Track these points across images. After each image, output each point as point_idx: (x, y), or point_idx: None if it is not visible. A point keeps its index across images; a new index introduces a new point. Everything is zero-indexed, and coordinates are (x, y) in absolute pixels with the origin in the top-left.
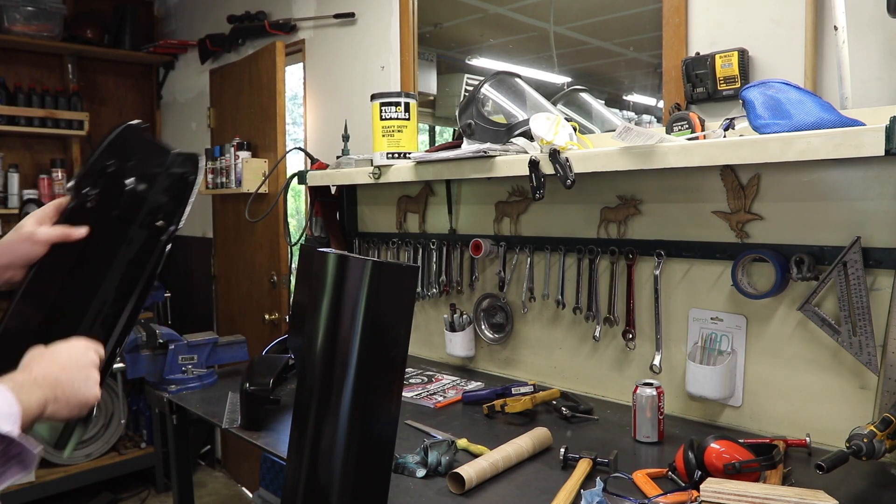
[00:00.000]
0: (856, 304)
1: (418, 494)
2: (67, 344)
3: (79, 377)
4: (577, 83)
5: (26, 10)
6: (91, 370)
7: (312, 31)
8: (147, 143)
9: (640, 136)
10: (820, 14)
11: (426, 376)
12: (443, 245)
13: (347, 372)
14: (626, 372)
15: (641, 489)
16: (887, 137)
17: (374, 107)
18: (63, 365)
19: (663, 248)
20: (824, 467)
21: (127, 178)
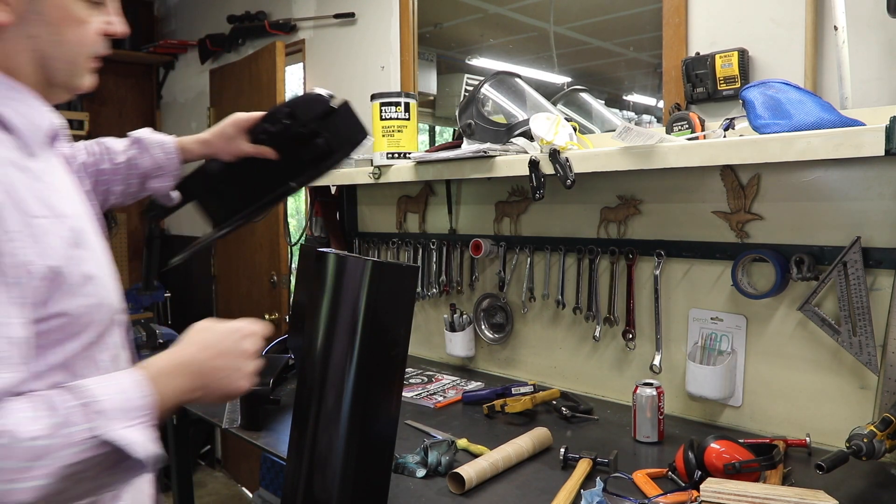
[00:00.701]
0: (856, 304)
1: (418, 494)
2: (226, 328)
3: (230, 366)
4: (577, 83)
5: None
6: (245, 361)
7: (312, 31)
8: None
9: (640, 136)
10: (820, 14)
11: (426, 376)
12: (443, 245)
13: (347, 372)
14: (626, 372)
15: (641, 489)
16: (887, 137)
17: (374, 107)
18: (217, 352)
19: (663, 248)
20: (824, 467)
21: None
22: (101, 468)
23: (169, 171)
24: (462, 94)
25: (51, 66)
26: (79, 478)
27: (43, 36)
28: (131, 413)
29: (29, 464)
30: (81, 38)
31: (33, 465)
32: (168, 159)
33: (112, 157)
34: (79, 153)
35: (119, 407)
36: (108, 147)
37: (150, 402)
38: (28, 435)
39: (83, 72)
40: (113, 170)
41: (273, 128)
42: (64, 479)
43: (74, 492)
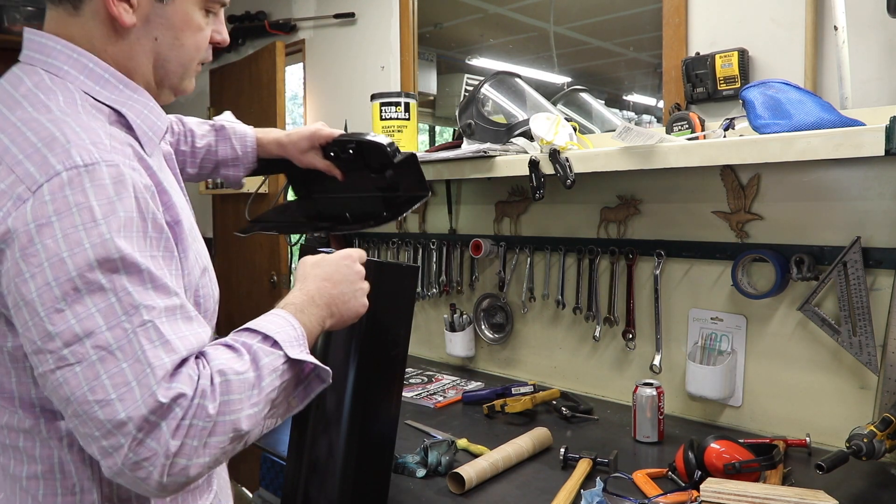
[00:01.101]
0: (856, 304)
1: (418, 494)
2: (336, 258)
3: (349, 291)
4: (577, 83)
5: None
6: (359, 282)
7: (312, 31)
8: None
9: (640, 136)
10: (820, 14)
11: (426, 376)
12: (443, 245)
13: (347, 372)
14: (626, 372)
15: (641, 489)
16: (887, 137)
17: (374, 107)
18: (335, 281)
19: (663, 248)
20: (824, 467)
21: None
22: (290, 388)
23: (244, 163)
24: (462, 94)
25: (166, 68)
26: (276, 401)
27: (164, 39)
28: (296, 341)
29: (243, 394)
30: (198, 44)
31: (247, 394)
32: (245, 153)
33: (192, 139)
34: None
35: (287, 338)
36: (190, 129)
37: (303, 333)
38: (238, 370)
39: (191, 75)
40: (190, 152)
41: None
42: (269, 402)
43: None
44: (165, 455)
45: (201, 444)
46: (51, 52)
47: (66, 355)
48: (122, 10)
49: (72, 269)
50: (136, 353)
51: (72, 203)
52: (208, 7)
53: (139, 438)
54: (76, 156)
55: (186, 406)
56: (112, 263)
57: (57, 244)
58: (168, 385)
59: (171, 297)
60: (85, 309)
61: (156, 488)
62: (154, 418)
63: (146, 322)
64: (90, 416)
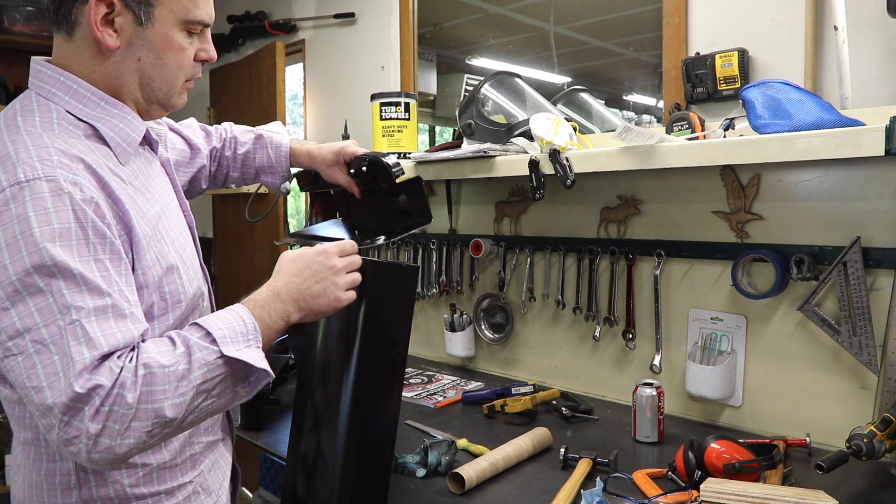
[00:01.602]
0: (856, 304)
1: (418, 494)
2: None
3: (318, 286)
4: (577, 83)
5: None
6: (331, 277)
7: (312, 31)
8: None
9: (640, 136)
10: (820, 14)
11: (426, 376)
12: (443, 245)
13: (347, 372)
14: (626, 372)
15: (641, 489)
16: (887, 137)
17: (374, 107)
18: (305, 276)
19: (663, 248)
20: (824, 467)
21: None
22: (226, 384)
23: (278, 171)
24: (462, 94)
25: (151, 86)
26: (210, 393)
27: (147, 59)
28: (240, 337)
29: (168, 385)
30: (180, 63)
31: (171, 385)
32: (278, 161)
33: (235, 146)
34: (213, 139)
35: (230, 334)
36: (234, 136)
37: (255, 328)
38: (164, 363)
39: (179, 92)
40: (232, 157)
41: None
42: (198, 394)
43: (212, 405)
44: (87, 436)
45: (123, 427)
46: (43, 77)
47: (11, 347)
48: (105, 34)
49: (13, 274)
50: (63, 349)
51: (13, 215)
52: (189, 28)
53: (65, 420)
54: (20, 172)
55: (104, 395)
56: (47, 269)
57: (1, 253)
58: (88, 377)
59: (104, 298)
60: (25, 308)
61: (87, 462)
62: (74, 405)
63: (74, 321)
64: (29, 400)
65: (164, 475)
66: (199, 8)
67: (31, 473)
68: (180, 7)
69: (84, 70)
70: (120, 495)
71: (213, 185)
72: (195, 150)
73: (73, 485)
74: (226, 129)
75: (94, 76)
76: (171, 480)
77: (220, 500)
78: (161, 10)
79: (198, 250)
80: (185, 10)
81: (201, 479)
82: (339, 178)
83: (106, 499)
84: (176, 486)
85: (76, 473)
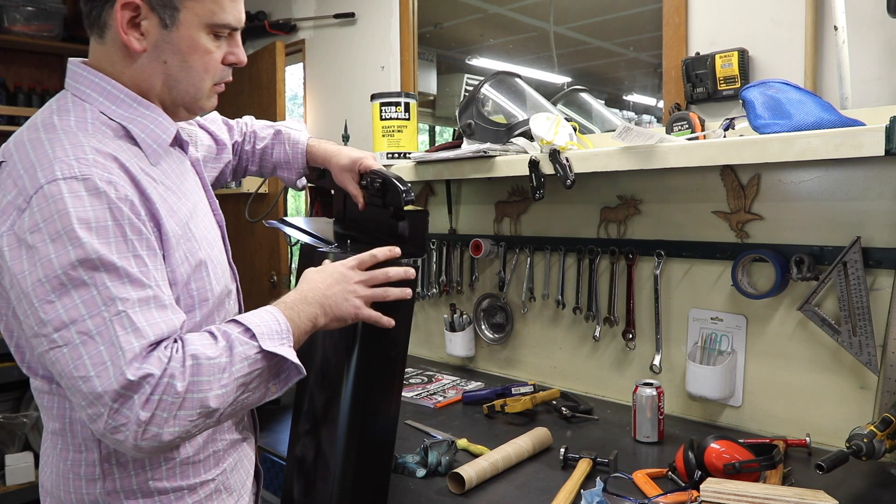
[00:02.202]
0: (856, 304)
1: (418, 494)
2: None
3: (339, 292)
4: (577, 83)
5: (26, 10)
6: (349, 286)
7: (312, 31)
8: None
9: (640, 136)
10: (820, 14)
11: (426, 376)
12: (443, 245)
13: (347, 372)
14: (626, 372)
15: (641, 489)
16: (887, 137)
17: (374, 107)
18: (328, 283)
19: (663, 248)
20: (824, 467)
21: None
22: (261, 379)
23: (294, 167)
24: (462, 94)
25: (177, 88)
26: (248, 387)
27: (173, 62)
28: (277, 335)
29: (213, 377)
30: (206, 66)
31: (216, 377)
32: (295, 158)
33: (254, 140)
34: (235, 133)
35: (267, 331)
36: (254, 130)
37: (288, 327)
38: (209, 355)
39: (206, 95)
40: (251, 152)
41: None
42: (239, 386)
43: (246, 399)
44: (137, 423)
45: (171, 415)
46: (79, 79)
47: (56, 339)
48: (132, 38)
49: (58, 267)
50: (111, 338)
51: (54, 210)
52: (216, 32)
53: (114, 408)
54: (57, 170)
55: (154, 383)
56: (91, 262)
57: (46, 247)
58: (138, 365)
59: (146, 289)
60: (70, 300)
61: (132, 450)
62: (125, 392)
63: (120, 312)
64: (77, 389)
65: (186, 470)
66: (225, 11)
67: (59, 463)
68: (205, 11)
69: (115, 72)
70: (143, 488)
71: (234, 179)
72: (221, 145)
73: (97, 475)
74: (246, 122)
75: (124, 78)
76: (193, 476)
77: (241, 500)
78: (186, 13)
79: (226, 249)
80: (210, 13)
81: (223, 477)
82: (349, 185)
83: (129, 491)
84: (198, 482)
85: (101, 464)
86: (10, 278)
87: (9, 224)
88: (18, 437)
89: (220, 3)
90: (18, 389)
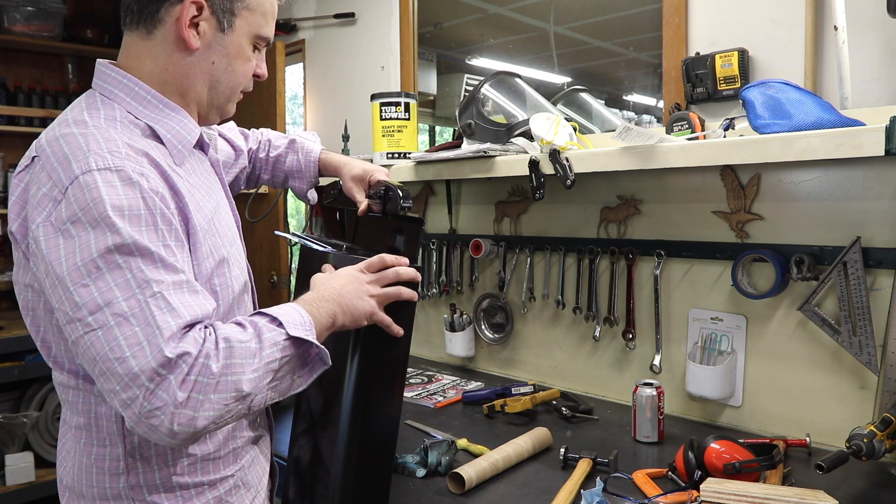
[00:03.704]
0: (856, 304)
1: (418, 494)
2: (341, 270)
3: (354, 293)
4: (577, 83)
5: (26, 10)
6: (363, 287)
7: (312, 31)
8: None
9: (640, 136)
10: (820, 14)
11: (426, 376)
12: (443, 245)
13: (348, 372)
14: (626, 372)
15: (641, 489)
16: (887, 137)
17: (374, 107)
18: (342, 284)
19: (663, 248)
20: (824, 467)
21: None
22: (289, 367)
23: (306, 176)
24: (462, 94)
25: (217, 89)
26: (276, 374)
27: (220, 64)
28: (301, 325)
29: (245, 360)
30: (245, 73)
31: (248, 360)
32: (307, 167)
33: (268, 149)
34: (251, 141)
35: (292, 321)
36: (269, 139)
37: (311, 321)
38: (241, 339)
39: (235, 100)
40: (265, 159)
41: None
42: (269, 371)
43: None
44: (174, 405)
45: (206, 398)
46: (107, 79)
47: (91, 322)
48: (190, 35)
49: (94, 251)
50: (147, 318)
51: (89, 199)
52: (256, 43)
53: (151, 389)
54: (92, 161)
55: (191, 363)
56: (127, 247)
57: (82, 234)
58: (175, 344)
59: (179, 274)
60: (105, 284)
61: (167, 435)
62: (163, 371)
63: (156, 293)
64: (112, 372)
65: (207, 466)
66: (268, 26)
67: (82, 458)
68: (255, 22)
69: (156, 68)
70: (165, 483)
71: (248, 186)
72: (238, 151)
73: (121, 470)
74: (262, 132)
75: (166, 74)
76: (213, 472)
77: (258, 496)
78: (241, 21)
79: (243, 246)
80: (258, 25)
81: (242, 473)
82: (357, 193)
83: (152, 485)
84: (218, 478)
85: (125, 459)
86: (46, 266)
87: (45, 215)
88: (18, 437)
89: (266, 18)
90: (18, 389)
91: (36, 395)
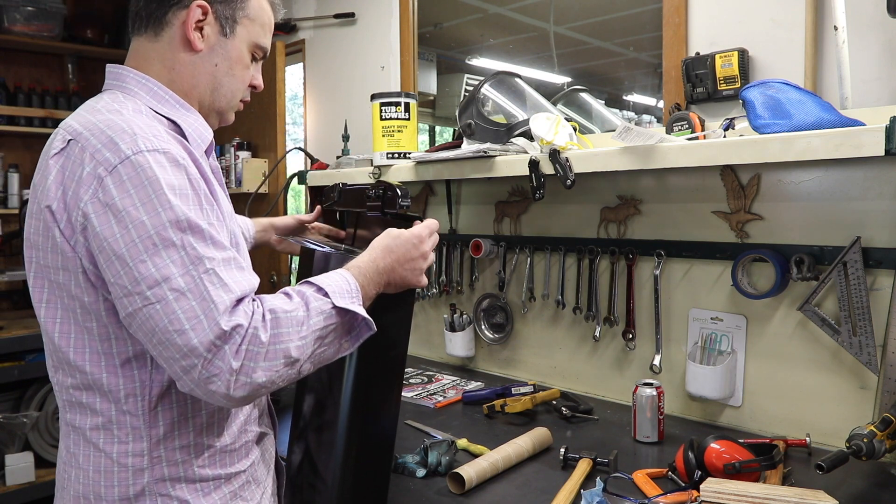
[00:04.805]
0: (856, 304)
1: (418, 494)
2: (407, 235)
3: (409, 269)
4: (577, 83)
5: (26, 10)
6: (419, 262)
7: (312, 31)
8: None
9: (640, 136)
10: (820, 14)
11: (426, 376)
12: (443, 245)
13: (347, 372)
14: (626, 372)
15: (641, 489)
16: (887, 137)
17: (374, 107)
18: (398, 254)
19: (663, 248)
20: (824, 467)
21: None
22: (336, 333)
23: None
24: (462, 94)
25: (219, 92)
26: (324, 340)
27: (222, 67)
28: (347, 294)
29: (292, 328)
30: (244, 79)
31: (295, 328)
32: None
33: None
34: None
35: (338, 290)
36: None
37: (358, 288)
38: (287, 309)
39: (235, 107)
40: None
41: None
42: (315, 340)
43: (323, 352)
44: (229, 372)
45: (258, 365)
46: (124, 79)
47: (150, 296)
48: (195, 37)
49: (150, 228)
50: (202, 294)
51: (143, 178)
52: (254, 52)
53: (208, 358)
54: (141, 143)
55: (243, 334)
56: (180, 224)
57: (137, 211)
58: (228, 317)
59: (227, 251)
60: (162, 260)
61: (224, 399)
62: (219, 342)
63: (209, 269)
64: (171, 343)
65: (224, 458)
66: (266, 37)
67: (99, 460)
68: (255, 31)
69: (163, 69)
70: (188, 475)
71: None
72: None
73: (146, 465)
74: None
75: (172, 74)
76: (229, 465)
77: (266, 492)
78: (241, 28)
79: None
80: (258, 34)
81: (252, 469)
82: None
83: (176, 478)
84: (233, 472)
85: (150, 453)
86: (100, 242)
87: (91, 192)
88: (18, 437)
89: (265, 29)
90: (18, 389)
91: (36, 395)
